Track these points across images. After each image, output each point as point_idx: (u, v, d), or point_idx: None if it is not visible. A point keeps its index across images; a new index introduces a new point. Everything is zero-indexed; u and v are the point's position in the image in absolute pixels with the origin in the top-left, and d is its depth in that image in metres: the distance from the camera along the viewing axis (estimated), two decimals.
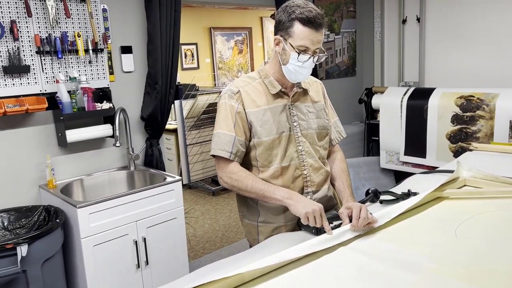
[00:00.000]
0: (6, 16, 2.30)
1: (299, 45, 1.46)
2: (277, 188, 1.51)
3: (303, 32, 1.45)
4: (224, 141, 1.54)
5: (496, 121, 3.09)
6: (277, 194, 1.48)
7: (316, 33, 1.45)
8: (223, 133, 1.55)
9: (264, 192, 1.50)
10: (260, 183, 1.52)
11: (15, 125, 2.41)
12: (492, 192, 1.69)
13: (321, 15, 1.46)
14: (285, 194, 1.48)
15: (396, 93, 3.72)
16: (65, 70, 2.52)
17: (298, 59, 1.47)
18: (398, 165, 3.75)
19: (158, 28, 2.79)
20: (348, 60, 4.57)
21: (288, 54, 1.49)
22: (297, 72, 1.51)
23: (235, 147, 1.54)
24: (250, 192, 1.52)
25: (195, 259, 3.44)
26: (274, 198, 1.49)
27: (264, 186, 1.51)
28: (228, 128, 1.54)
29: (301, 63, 1.48)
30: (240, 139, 1.55)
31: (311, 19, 1.43)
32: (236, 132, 1.54)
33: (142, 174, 2.79)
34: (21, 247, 1.93)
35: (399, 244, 1.32)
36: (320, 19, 1.45)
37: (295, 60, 1.48)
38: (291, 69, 1.51)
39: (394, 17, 4.31)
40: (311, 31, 1.44)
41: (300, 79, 1.56)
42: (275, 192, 1.49)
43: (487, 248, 1.27)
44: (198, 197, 5.04)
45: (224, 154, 1.54)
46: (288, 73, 1.54)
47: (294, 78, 1.55)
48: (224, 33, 7.48)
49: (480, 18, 3.73)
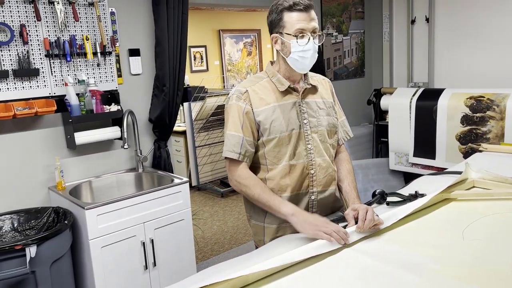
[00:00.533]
0: (16, 20, 2.33)
1: (295, 31, 1.49)
2: (282, 202, 1.49)
3: (293, 17, 1.48)
4: (232, 142, 1.55)
5: (507, 122, 3.05)
6: (282, 209, 1.47)
7: (306, 13, 1.48)
8: (231, 134, 1.55)
9: (269, 204, 1.50)
10: (267, 194, 1.52)
11: (24, 128, 2.45)
12: (501, 194, 1.66)
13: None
14: (289, 211, 1.46)
15: (405, 94, 3.69)
16: (74, 73, 2.55)
17: (298, 43, 1.49)
18: (408, 167, 3.72)
19: (165, 31, 2.81)
20: (356, 61, 4.55)
21: (288, 45, 1.51)
22: (302, 58, 1.52)
23: (244, 148, 1.54)
24: (257, 201, 1.54)
25: (203, 260, 3.44)
26: (279, 212, 1.49)
27: (271, 198, 1.51)
28: (236, 129, 1.55)
29: (302, 47, 1.49)
30: (248, 139, 1.55)
31: (296, 2, 1.47)
32: (244, 132, 1.54)
33: (150, 176, 2.80)
34: (30, 248, 1.96)
35: (405, 246, 1.31)
36: (306, 1, 1.48)
37: (296, 46, 1.50)
38: (295, 57, 1.52)
39: (403, 17, 4.28)
40: (299, 13, 1.48)
41: (306, 65, 1.55)
42: (280, 207, 1.48)
43: (494, 250, 1.26)
44: (207, 199, 5.05)
45: (233, 155, 1.54)
46: (294, 63, 1.54)
47: (301, 66, 1.55)
48: (233, 35, 7.51)
49: (489, 18, 3.69)
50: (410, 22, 4.21)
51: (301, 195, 1.59)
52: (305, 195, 1.60)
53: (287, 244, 1.41)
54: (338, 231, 1.32)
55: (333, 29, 4.24)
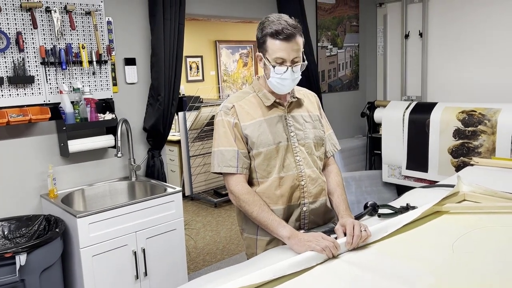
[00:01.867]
0: (12, 28, 2.34)
1: (274, 58, 1.49)
2: (280, 224, 1.48)
3: (275, 45, 1.48)
4: (228, 157, 1.56)
5: (498, 136, 3.08)
6: (280, 231, 1.47)
7: (288, 43, 1.47)
8: (225, 149, 1.56)
9: (267, 224, 1.50)
10: (266, 212, 1.51)
11: (18, 135, 2.44)
12: (491, 207, 1.68)
13: (291, 25, 1.47)
14: (286, 234, 1.45)
15: (399, 107, 3.72)
16: (69, 81, 2.56)
17: (275, 71, 1.50)
18: (400, 179, 3.74)
19: (161, 41, 2.83)
20: (351, 73, 4.60)
21: (268, 68, 1.53)
22: (279, 84, 1.53)
23: (240, 161, 1.56)
24: (254, 219, 1.53)
25: (195, 271, 3.42)
26: (276, 234, 1.49)
27: (269, 218, 1.50)
28: (229, 144, 1.56)
29: (280, 75, 1.50)
30: (243, 152, 1.57)
31: (279, 31, 1.46)
32: (237, 145, 1.56)
33: (143, 184, 2.80)
34: (20, 256, 1.94)
35: (395, 257, 1.32)
36: (290, 29, 1.46)
37: (274, 73, 1.51)
38: (273, 82, 1.54)
39: (397, 31, 4.34)
40: (281, 42, 1.47)
41: (284, 90, 1.56)
42: (278, 228, 1.48)
43: (484, 263, 1.27)
44: (200, 209, 5.04)
45: (231, 170, 1.55)
46: (272, 86, 1.56)
47: (278, 90, 1.57)
48: (229, 46, 7.56)
49: (482, 33, 3.75)
50: (404, 36, 4.26)
51: (293, 206, 1.60)
52: (297, 207, 1.61)
53: (278, 255, 1.42)
54: (331, 246, 1.32)
55: (328, 42, 4.29)
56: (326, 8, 4.22)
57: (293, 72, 1.50)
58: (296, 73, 1.52)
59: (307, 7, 3.91)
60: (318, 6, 4.12)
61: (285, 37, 1.46)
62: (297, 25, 1.50)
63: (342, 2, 4.37)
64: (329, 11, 4.24)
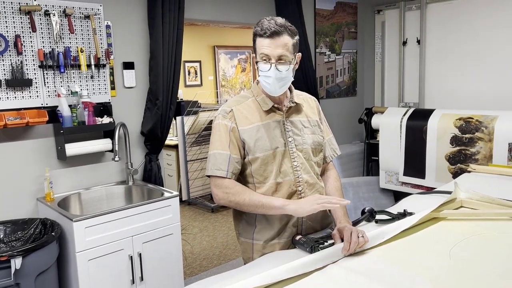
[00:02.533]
0: (11, 31, 2.34)
1: (259, 55, 1.52)
2: (274, 198, 1.53)
3: (260, 42, 1.51)
4: (219, 161, 1.55)
5: (495, 144, 3.09)
6: (275, 203, 1.50)
7: (272, 40, 1.48)
8: (218, 153, 1.56)
9: (262, 203, 1.51)
10: (257, 195, 1.53)
11: (15, 138, 2.43)
12: (488, 214, 1.68)
13: (278, 24, 1.49)
14: (283, 202, 1.50)
15: (396, 113, 3.73)
16: (67, 84, 2.55)
17: (260, 68, 1.52)
18: (398, 186, 3.74)
19: (160, 45, 2.84)
20: (348, 80, 4.61)
21: (258, 67, 1.54)
22: (265, 82, 1.54)
23: (231, 165, 1.55)
24: (248, 205, 1.52)
25: (192, 276, 3.41)
26: (273, 207, 1.49)
27: (261, 197, 1.53)
28: (222, 147, 1.56)
29: (264, 72, 1.52)
30: (235, 157, 1.56)
31: (264, 29, 1.48)
32: (231, 150, 1.56)
33: (140, 189, 2.79)
34: (15, 260, 1.93)
35: (392, 264, 1.31)
36: (274, 27, 1.47)
37: (260, 71, 1.53)
38: (261, 81, 1.56)
39: (395, 38, 4.36)
40: (266, 39, 1.49)
41: (272, 90, 1.55)
42: (272, 202, 1.50)
43: (481, 269, 1.27)
44: (197, 214, 5.02)
45: (221, 173, 1.55)
46: (263, 86, 1.57)
47: (267, 89, 1.56)
48: (227, 51, 7.58)
49: (480, 41, 3.77)
50: (401, 43, 4.28)
51: None
52: None
53: (275, 260, 1.41)
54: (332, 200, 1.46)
55: (326, 48, 4.30)
56: (325, 14, 4.24)
57: (277, 71, 1.49)
58: (282, 72, 1.50)
59: (305, 14, 3.93)
60: (316, 13, 4.14)
61: (270, 34, 1.48)
62: (286, 25, 1.51)
63: (341, 8, 4.40)
64: (327, 18, 4.26)
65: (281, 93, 1.58)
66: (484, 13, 3.71)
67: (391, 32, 4.38)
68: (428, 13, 4.07)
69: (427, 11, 4.07)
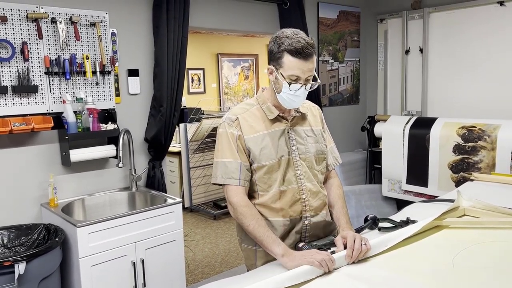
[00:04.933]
0: (18, 38, 2.37)
1: (289, 75, 1.49)
2: (275, 242, 1.47)
3: (292, 62, 1.47)
4: (231, 169, 1.56)
5: (498, 152, 3.09)
6: (274, 248, 1.46)
7: (306, 62, 1.47)
8: (228, 161, 1.57)
9: (262, 239, 1.49)
10: (262, 228, 1.51)
11: (20, 144, 2.45)
12: (491, 222, 1.68)
13: (310, 45, 1.47)
14: (280, 251, 1.44)
15: (399, 121, 3.74)
16: (72, 91, 2.58)
17: (290, 88, 1.51)
18: (400, 194, 3.74)
19: (165, 53, 2.86)
20: (351, 88, 4.63)
21: (280, 83, 1.52)
22: (291, 100, 1.54)
23: (243, 173, 1.56)
24: (250, 233, 1.53)
25: (194, 283, 3.40)
26: (271, 251, 1.48)
27: (265, 234, 1.49)
28: (233, 156, 1.57)
29: (293, 92, 1.51)
30: (245, 164, 1.57)
31: (299, 50, 1.45)
32: (240, 158, 1.57)
33: (143, 195, 2.80)
34: (19, 265, 1.94)
35: (395, 271, 1.32)
36: (309, 49, 1.46)
37: (287, 89, 1.51)
38: (285, 97, 1.54)
39: (398, 47, 4.38)
40: (300, 61, 1.47)
41: (294, 106, 1.58)
42: (272, 246, 1.46)
43: (484, 278, 1.27)
44: (199, 221, 5.02)
45: (234, 182, 1.55)
46: (282, 101, 1.57)
47: (288, 105, 1.57)
48: (231, 59, 7.62)
49: (482, 50, 3.78)
50: (404, 52, 4.30)
51: (295, 220, 1.60)
52: (299, 220, 1.61)
53: (278, 268, 1.42)
54: (327, 259, 1.33)
55: (329, 56, 4.33)
56: (328, 23, 4.26)
57: (305, 90, 1.52)
58: (308, 90, 1.54)
59: (309, 22, 3.96)
60: (319, 21, 4.17)
61: (304, 56, 1.46)
62: (314, 44, 1.50)
63: (344, 17, 4.42)
64: (330, 26, 4.29)
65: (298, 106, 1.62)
66: (487, 22, 3.73)
67: (394, 40, 4.40)
68: (431, 22, 4.09)
69: (429, 20, 4.09)
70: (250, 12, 3.61)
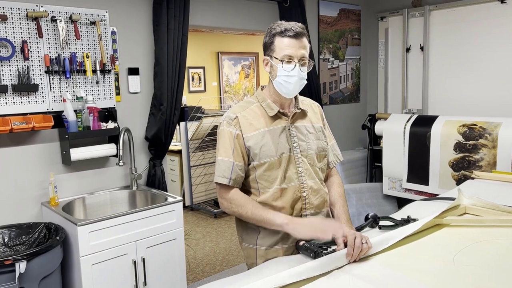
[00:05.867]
0: (18, 37, 2.37)
1: (282, 56, 1.52)
2: (276, 214, 1.51)
3: (283, 42, 1.52)
4: (223, 168, 1.57)
5: (499, 150, 3.09)
6: (276, 220, 1.49)
7: (296, 40, 1.51)
8: (222, 160, 1.58)
9: (263, 218, 1.51)
10: (260, 209, 1.53)
11: (21, 142, 2.45)
12: (492, 221, 1.68)
13: (299, 26, 1.53)
14: (284, 220, 1.48)
15: (399, 120, 3.74)
16: (73, 89, 2.57)
17: (284, 68, 1.52)
18: (401, 192, 3.74)
19: (165, 51, 2.86)
20: (352, 86, 4.62)
21: (275, 68, 1.55)
22: (286, 82, 1.54)
23: (234, 173, 1.56)
24: (250, 218, 1.54)
25: (194, 281, 3.41)
26: (274, 224, 1.50)
27: (264, 212, 1.52)
28: (226, 155, 1.57)
29: (287, 72, 1.52)
30: (238, 165, 1.57)
31: (288, 29, 1.51)
32: (234, 158, 1.57)
33: (144, 194, 2.80)
34: (19, 264, 1.94)
35: (396, 269, 1.31)
36: (298, 29, 1.52)
37: (282, 71, 1.53)
38: (281, 81, 1.55)
39: (398, 45, 4.37)
40: (290, 39, 1.51)
41: (290, 90, 1.57)
42: (274, 219, 1.49)
43: (485, 276, 1.26)
44: (200, 219, 5.03)
45: (224, 180, 1.56)
46: (279, 87, 1.57)
47: (285, 90, 1.57)
48: (231, 57, 7.61)
49: (483, 48, 3.78)
50: (405, 50, 4.29)
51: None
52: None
53: (278, 265, 1.41)
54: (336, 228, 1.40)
55: (330, 54, 4.32)
56: (328, 21, 4.26)
57: (300, 71, 1.53)
58: (303, 73, 1.54)
59: (309, 20, 3.96)
60: (320, 19, 4.16)
61: (294, 34, 1.50)
62: (303, 26, 1.55)
63: (344, 15, 4.42)
64: (331, 24, 4.28)
65: (295, 95, 1.61)
66: (487, 19, 3.72)
67: (395, 38, 4.40)
68: (432, 20, 4.08)
69: (430, 18, 4.08)
70: (250, 10, 3.60)
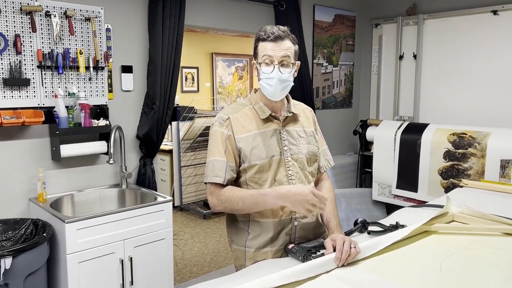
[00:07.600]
0: (11, 30, 2.35)
1: (262, 57, 1.55)
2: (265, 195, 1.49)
3: (263, 46, 1.55)
4: (217, 167, 1.57)
5: (488, 160, 3.12)
6: (267, 201, 1.49)
7: (276, 43, 1.53)
8: (216, 159, 1.58)
9: (254, 202, 1.50)
10: (248, 192, 1.53)
11: (10, 137, 2.43)
12: (479, 229, 1.70)
13: (281, 30, 1.55)
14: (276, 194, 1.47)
15: (390, 126, 3.76)
16: (65, 85, 2.56)
17: (263, 70, 1.54)
18: (390, 198, 3.76)
19: (159, 50, 2.85)
20: (344, 91, 4.65)
21: (259, 71, 1.57)
22: (268, 84, 1.56)
23: (228, 173, 1.56)
24: (243, 205, 1.52)
25: (182, 282, 3.39)
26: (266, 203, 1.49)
27: (253, 196, 1.51)
28: (220, 154, 1.57)
29: (267, 74, 1.54)
30: (231, 165, 1.57)
31: (268, 33, 1.54)
32: (227, 157, 1.57)
33: (134, 192, 2.78)
34: (5, 260, 1.92)
35: (384, 275, 1.32)
36: (279, 32, 1.54)
37: (262, 73, 1.55)
38: (263, 83, 1.57)
39: (392, 52, 4.41)
40: (270, 43, 1.53)
41: (272, 92, 1.57)
42: (265, 200, 1.49)
43: (471, 284, 1.28)
44: (189, 220, 5.01)
45: (218, 180, 1.56)
46: (264, 90, 1.59)
47: (269, 93, 1.58)
48: (225, 59, 7.61)
49: (475, 58, 3.82)
50: (398, 57, 4.33)
51: (284, 221, 1.61)
52: (288, 222, 1.61)
53: (267, 268, 1.42)
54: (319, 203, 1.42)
55: (324, 59, 4.34)
56: (323, 26, 4.28)
57: (280, 73, 1.53)
58: (284, 75, 1.54)
59: (304, 24, 3.97)
60: (315, 24, 4.19)
61: (273, 38, 1.53)
62: (287, 31, 1.57)
63: (339, 21, 4.44)
64: (326, 29, 4.31)
65: (281, 97, 1.61)
66: (480, 30, 3.77)
67: (388, 46, 4.43)
68: (425, 29, 4.13)
69: (424, 26, 4.13)
70: (246, 12, 3.61)
